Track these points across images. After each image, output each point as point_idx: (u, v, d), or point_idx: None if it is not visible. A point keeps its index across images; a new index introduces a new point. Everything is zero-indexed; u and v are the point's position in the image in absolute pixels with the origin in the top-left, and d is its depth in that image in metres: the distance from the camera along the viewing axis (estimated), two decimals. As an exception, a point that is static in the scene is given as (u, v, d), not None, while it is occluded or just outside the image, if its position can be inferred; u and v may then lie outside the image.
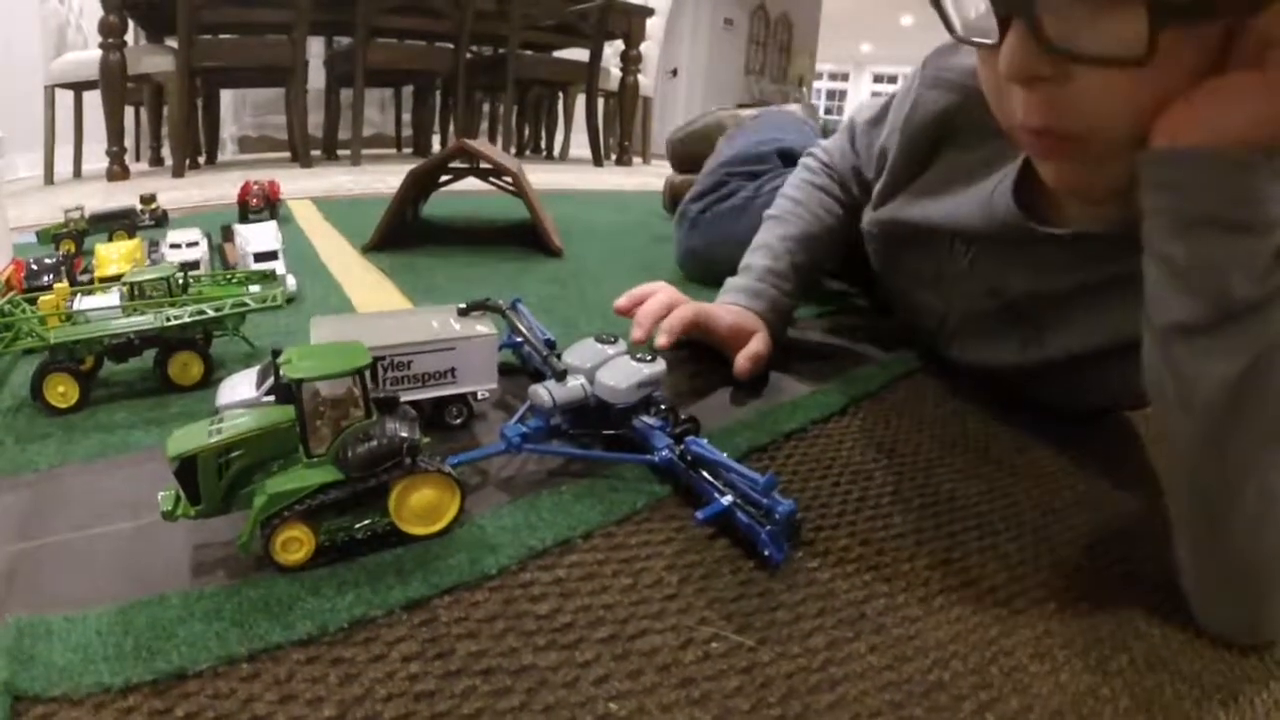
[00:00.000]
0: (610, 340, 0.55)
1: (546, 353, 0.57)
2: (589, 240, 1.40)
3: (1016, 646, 0.38)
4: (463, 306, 0.57)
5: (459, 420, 0.56)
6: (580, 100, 3.70)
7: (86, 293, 0.67)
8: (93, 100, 2.42)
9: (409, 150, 3.69)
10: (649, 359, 0.53)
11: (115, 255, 0.86)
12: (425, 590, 0.38)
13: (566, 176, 2.85)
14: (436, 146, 3.45)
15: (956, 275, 0.64)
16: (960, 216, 0.61)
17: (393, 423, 0.40)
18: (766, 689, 0.34)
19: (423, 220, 1.46)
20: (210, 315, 0.62)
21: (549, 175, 2.80)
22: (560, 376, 0.52)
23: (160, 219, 1.31)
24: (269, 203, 1.35)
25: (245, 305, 0.64)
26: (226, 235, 1.06)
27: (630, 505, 0.47)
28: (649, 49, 3.69)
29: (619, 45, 3.55)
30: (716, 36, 5.85)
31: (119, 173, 2.34)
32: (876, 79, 11.74)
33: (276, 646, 0.34)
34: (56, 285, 0.67)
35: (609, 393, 0.51)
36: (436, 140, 3.54)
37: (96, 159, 2.47)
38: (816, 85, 9.17)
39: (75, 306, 0.63)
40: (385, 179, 2.26)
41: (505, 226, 1.47)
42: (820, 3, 6.68)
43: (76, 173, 2.66)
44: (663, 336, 0.66)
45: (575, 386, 0.51)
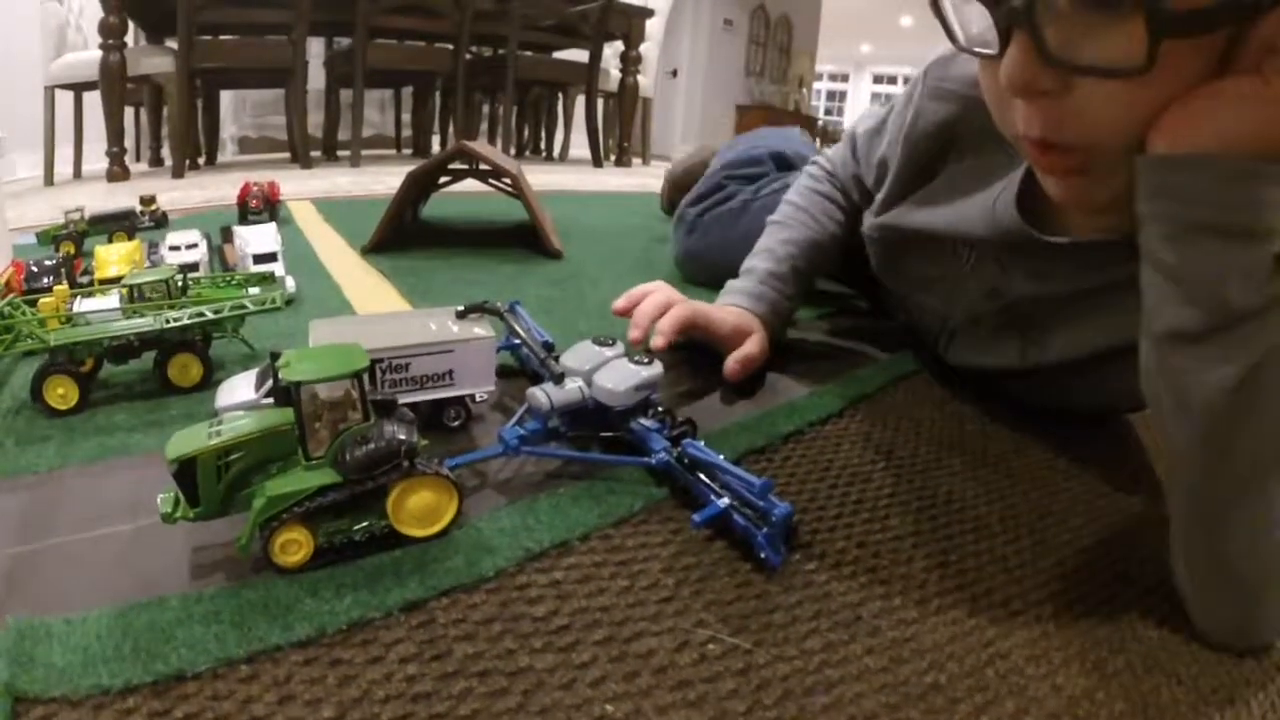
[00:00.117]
0: (608, 343, 0.55)
1: (544, 355, 0.57)
2: (588, 242, 1.40)
3: (1013, 649, 0.38)
4: (461, 309, 0.57)
5: (457, 422, 0.56)
6: (580, 101, 3.70)
7: (86, 295, 0.67)
8: (93, 101, 2.42)
9: (409, 151, 3.69)
10: (646, 361, 0.53)
11: (115, 257, 0.86)
12: (423, 592, 0.38)
13: (566, 177, 2.85)
14: (436, 147, 3.45)
15: (957, 278, 0.64)
16: (963, 224, 0.61)
17: (391, 425, 0.40)
18: (762, 691, 0.34)
19: (422, 222, 1.46)
20: (209, 317, 0.62)
21: (548, 176, 2.80)
22: (558, 379, 0.52)
23: (160, 220, 1.31)
24: (268, 204, 1.35)
25: (244, 307, 0.64)
26: (226, 237, 1.06)
27: (627, 507, 0.47)
28: (649, 50, 3.69)
29: (619, 46, 3.55)
30: (716, 37, 5.85)
31: (119, 173, 2.33)
32: (876, 80, 11.72)
33: (275, 648, 0.34)
34: (56, 287, 0.67)
35: (606, 395, 0.51)
36: (436, 141, 3.54)
37: (96, 159, 2.47)
38: (816, 86, 9.16)
39: (75, 308, 0.63)
40: (385, 180, 2.26)
41: (505, 228, 1.47)
42: (820, 3, 6.68)
43: (76, 173, 2.65)
44: (658, 338, 0.65)
45: (573, 389, 0.51)
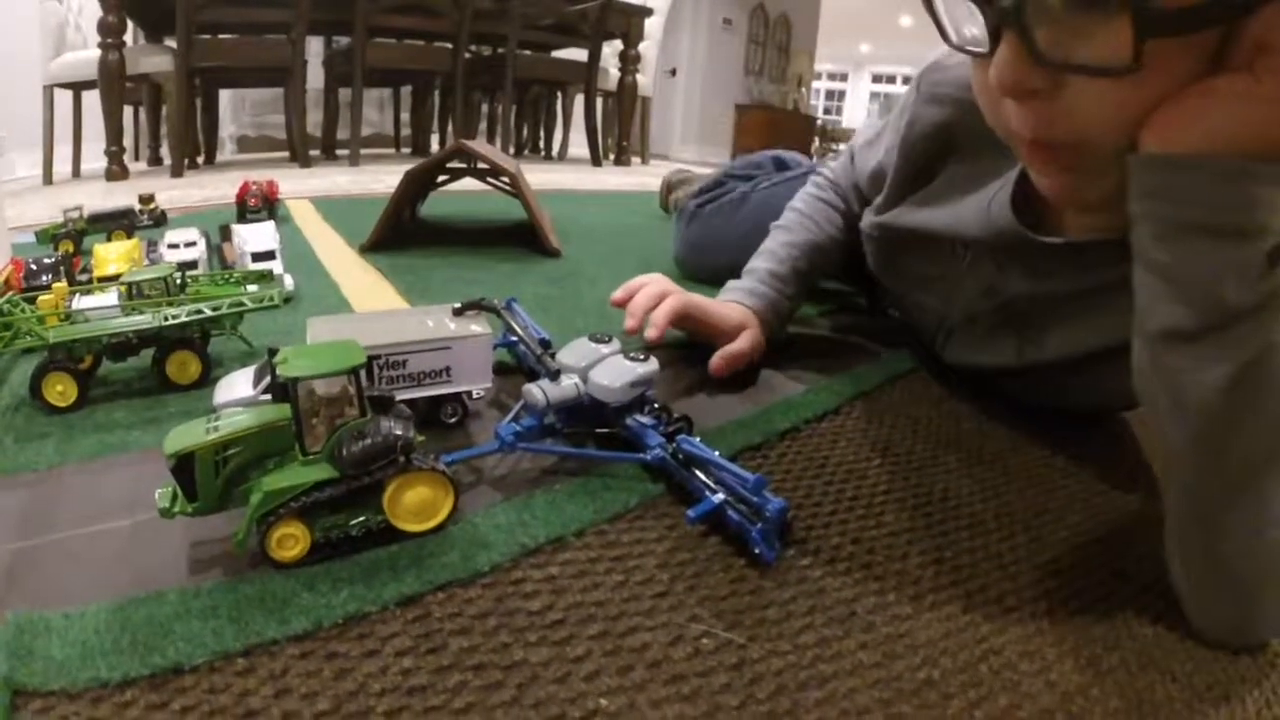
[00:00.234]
0: (604, 339, 0.56)
1: (540, 352, 0.57)
2: (586, 240, 1.40)
3: (1006, 645, 0.38)
4: (458, 306, 0.57)
5: (454, 419, 0.56)
6: (579, 100, 3.70)
7: (85, 292, 0.67)
8: (92, 100, 2.42)
9: (408, 150, 3.68)
10: (642, 358, 0.53)
11: (113, 255, 0.87)
12: (419, 587, 0.38)
13: (565, 176, 2.85)
14: (435, 146, 3.45)
15: (954, 276, 0.64)
16: (959, 225, 0.61)
17: (387, 421, 0.41)
18: (756, 685, 0.34)
19: (421, 220, 1.46)
20: (208, 315, 0.62)
21: (547, 175, 2.80)
22: (554, 375, 0.52)
23: (159, 219, 1.31)
24: (267, 203, 1.35)
25: (242, 305, 0.64)
26: (225, 235, 1.06)
27: (623, 503, 0.47)
28: (647, 49, 3.69)
29: (618, 45, 3.55)
30: (715, 36, 5.84)
31: (118, 172, 2.33)
32: (876, 79, 11.69)
33: (272, 642, 0.34)
34: (55, 285, 0.67)
35: (602, 392, 0.52)
36: (435, 140, 3.54)
37: (95, 158, 2.47)
38: (815, 85, 9.14)
39: (74, 306, 0.64)
40: (383, 179, 2.26)
41: (503, 227, 1.47)
42: (819, 3, 6.67)
43: (75, 172, 2.65)
44: (651, 330, 0.66)
45: (569, 385, 0.52)
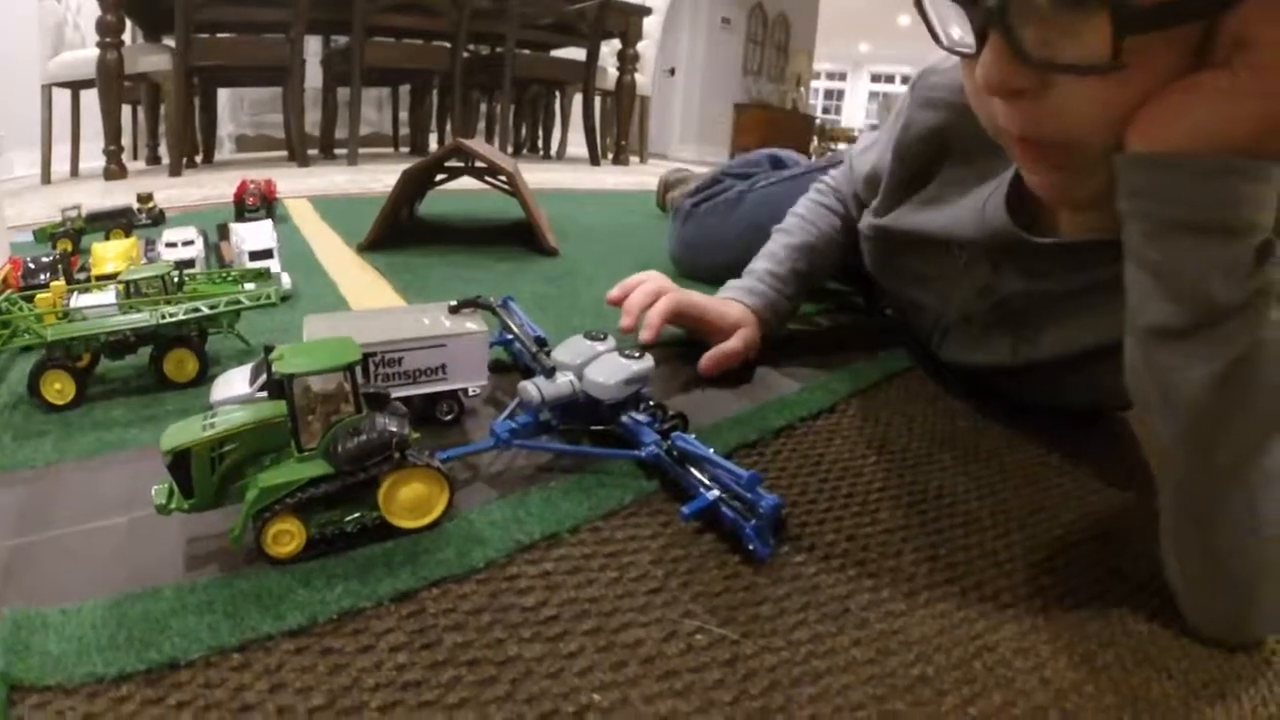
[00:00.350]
0: (600, 337, 0.56)
1: (536, 349, 0.57)
2: (584, 239, 1.41)
3: (1001, 642, 0.38)
4: (453, 304, 0.58)
5: (450, 416, 0.56)
6: (577, 99, 3.70)
7: (83, 291, 0.67)
8: (90, 99, 2.42)
9: (406, 149, 3.68)
10: (637, 355, 0.54)
11: (111, 254, 0.87)
12: (413, 583, 0.38)
13: (563, 175, 2.85)
14: (434, 145, 3.45)
15: (950, 276, 0.64)
16: (955, 227, 0.62)
17: (383, 418, 0.41)
18: (749, 681, 0.34)
19: (419, 219, 1.46)
20: (205, 313, 0.62)
21: (546, 174, 2.80)
22: (549, 373, 0.52)
23: (157, 218, 1.31)
24: (265, 202, 1.35)
25: (239, 303, 0.64)
26: (222, 234, 1.06)
27: (618, 500, 0.47)
28: (646, 48, 3.69)
29: (616, 44, 3.55)
30: (714, 36, 5.84)
31: (116, 171, 2.33)
32: (874, 79, 11.70)
33: (267, 637, 0.34)
34: (53, 283, 0.67)
35: (597, 389, 0.52)
36: (434, 139, 3.53)
37: (94, 157, 2.47)
38: (814, 85, 9.15)
39: (72, 304, 0.64)
40: (382, 178, 2.25)
41: (501, 226, 1.47)
42: (818, 2, 6.67)
43: (74, 171, 2.65)
44: (645, 332, 0.66)
45: (564, 383, 0.52)
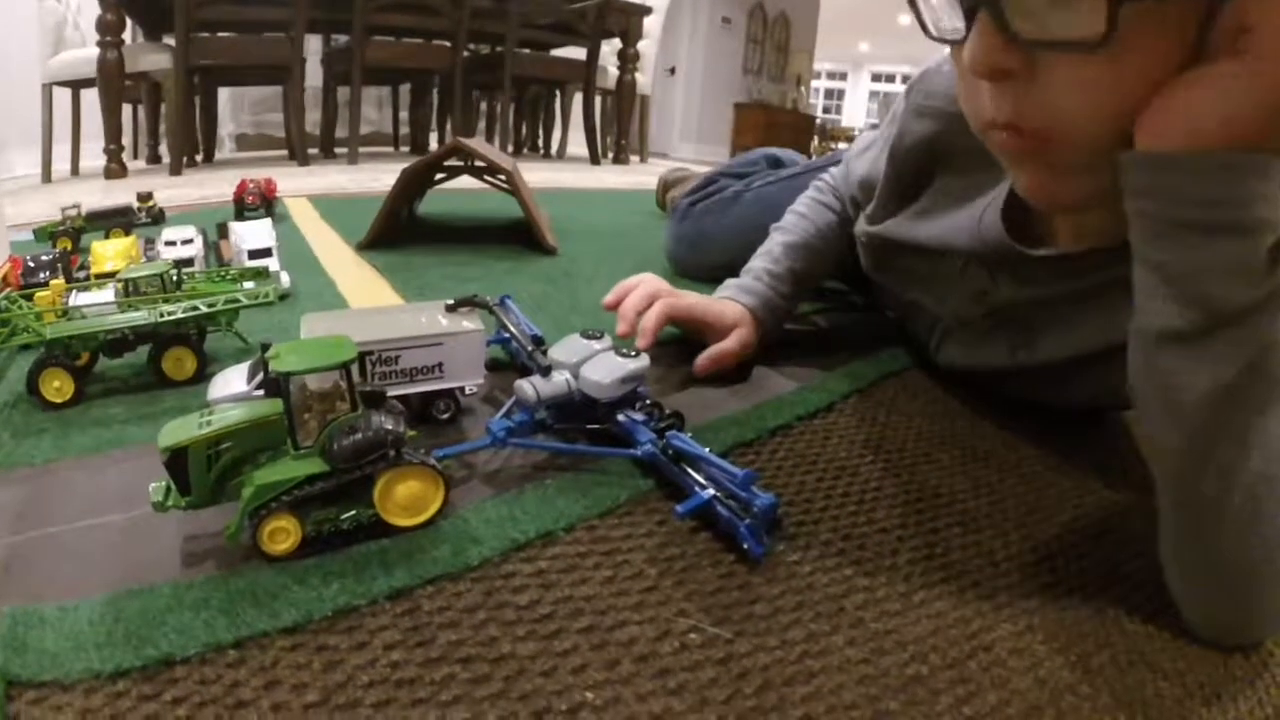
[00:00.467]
0: (596, 336, 0.56)
1: (532, 348, 0.57)
2: (583, 239, 1.41)
3: (996, 641, 0.38)
4: (450, 303, 0.58)
5: (446, 415, 0.56)
6: (578, 99, 3.70)
7: (82, 289, 0.67)
8: (90, 98, 2.42)
9: (406, 148, 3.69)
10: (633, 354, 0.54)
11: (111, 252, 0.87)
12: (408, 580, 0.38)
13: (563, 175, 2.85)
14: (434, 144, 3.45)
15: (946, 282, 0.64)
16: (950, 238, 0.61)
17: (379, 416, 0.41)
18: (743, 680, 0.34)
19: (418, 218, 1.47)
20: (203, 311, 0.63)
21: (546, 174, 2.80)
22: (545, 372, 0.53)
23: (157, 217, 1.31)
24: (265, 201, 1.35)
25: (238, 301, 0.64)
26: (222, 233, 1.06)
27: (613, 499, 0.47)
28: (646, 47, 3.70)
29: (616, 44, 3.55)
30: (714, 35, 5.84)
31: (117, 170, 2.34)
32: (875, 78, 11.69)
33: (262, 634, 0.34)
34: (53, 282, 0.67)
35: (593, 388, 0.52)
36: (434, 138, 3.54)
37: (94, 157, 2.47)
38: (814, 84, 9.15)
39: (71, 303, 0.64)
40: (382, 177, 2.26)
41: (501, 225, 1.47)
42: (818, 2, 6.67)
43: (74, 170, 2.66)
44: (641, 339, 0.66)
45: (560, 381, 0.52)
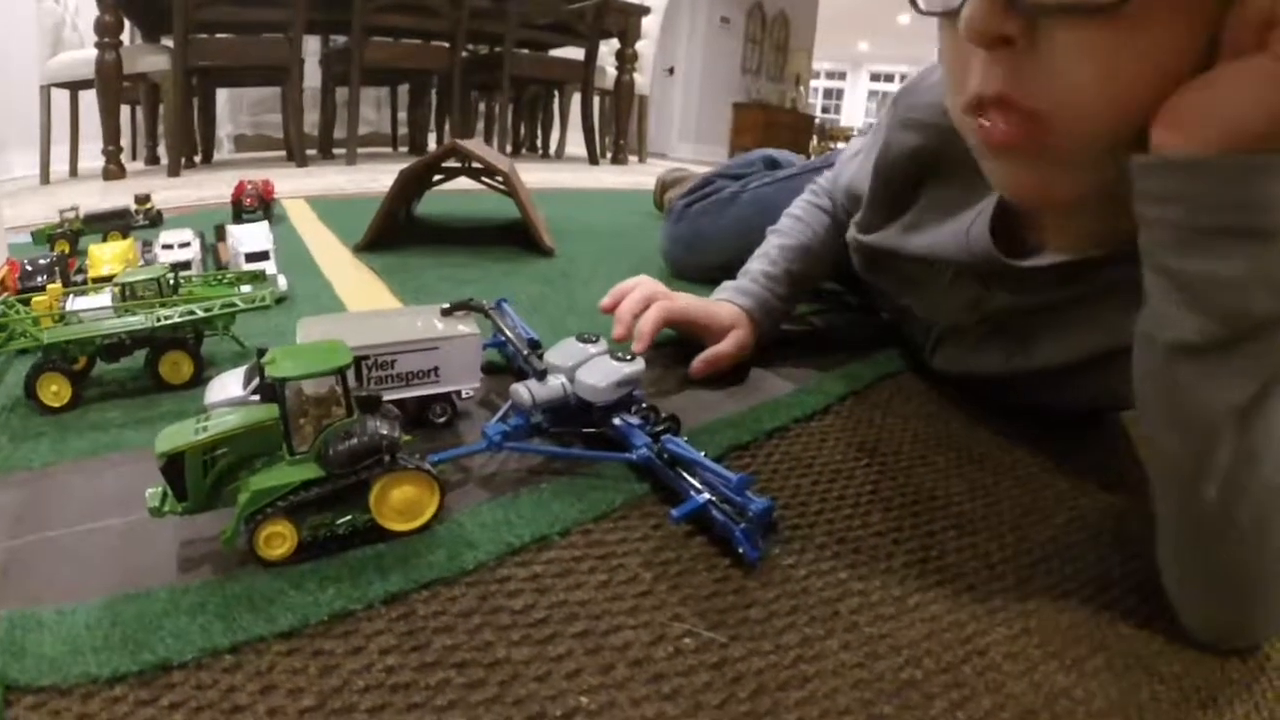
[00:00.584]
0: (592, 339, 0.56)
1: (528, 352, 0.57)
2: (581, 240, 1.41)
3: (991, 645, 0.37)
4: (446, 307, 0.58)
5: (443, 419, 0.56)
6: (576, 99, 3.70)
7: (79, 293, 0.67)
8: (89, 99, 2.42)
9: (405, 149, 3.69)
10: (629, 358, 0.54)
11: (108, 256, 0.87)
12: (404, 585, 0.38)
13: (562, 175, 2.85)
14: (432, 145, 3.45)
15: (938, 290, 0.64)
16: (938, 250, 0.61)
17: (374, 421, 0.41)
18: (737, 685, 0.34)
19: (416, 219, 1.47)
20: (200, 315, 0.63)
21: (544, 174, 2.80)
22: (541, 376, 0.53)
23: (155, 219, 1.31)
24: (263, 203, 1.35)
25: (234, 305, 0.64)
26: (219, 235, 1.06)
27: (609, 503, 0.47)
28: (645, 48, 3.70)
29: (615, 44, 3.56)
30: (713, 35, 5.85)
31: (115, 172, 2.34)
32: (874, 78, 11.69)
33: (259, 639, 0.34)
34: (50, 286, 0.68)
35: (588, 391, 0.52)
36: (433, 139, 3.54)
37: (93, 158, 2.47)
38: (813, 84, 9.15)
39: (68, 307, 0.64)
40: (380, 178, 2.26)
41: (499, 226, 1.47)
42: (817, 1, 6.67)
43: (73, 172, 2.66)
44: (637, 343, 0.65)
45: (555, 385, 0.52)
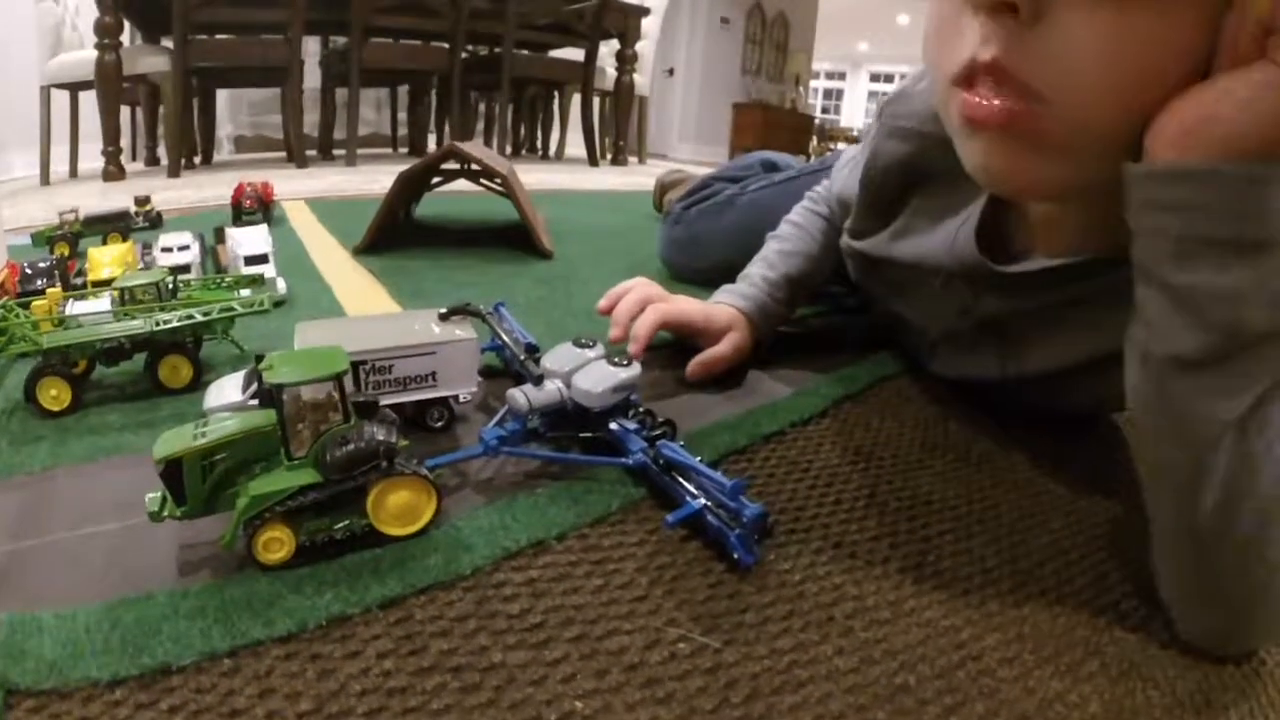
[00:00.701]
0: (588, 344, 0.56)
1: (525, 357, 0.58)
2: (580, 241, 1.41)
3: (985, 651, 0.37)
4: (443, 311, 0.58)
5: (440, 423, 0.56)
6: (576, 100, 3.71)
7: (79, 297, 0.68)
8: (89, 100, 2.42)
9: (404, 150, 3.69)
10: (625, 363, 0.54)
11: (108, 258, 0.87)
12: (401, 589, 0.38)
13: (561, 176, 2.85)
14: (432, 146, 3.45)
15: (930, 296, 0.64)
16: (926, 255, 0.61)
17: (371, 426, 0.41)
18: (730, 689, 0.34)
19: (415, 221, 1.47)
20: (199, 320, 0.63)
21: (544, 175, 2.80)
22: (537, 380, 0.53)
23: (155, 221, 1.31)
24: (263, 204, 1.35)
25: (232, 310, 0.65)
26: (219, 238, 1.06)
27: (605, 507, 0.47)
28: (645, 48, 3.70)
29: (615, 44, 3.56)
30: (713, 35, 5.85)
31: (115, 173, 2.34)
32: (873, 78, 11.68)
33: (257, 643, 0.34)
34: (49, 290, 0.68)
35: (584, 396, 0.52)
36: (432, 139, 3.54)
37: (93, 158, 2.47)
38: (813, 84, 9.15)
39: (68, 311, 0.64)
40: (380, 179, 2.26)
41: (498, 228, 1.47)
42: (817, 1, 6.67)
43: (73, 173, 2.66)
44: (633, 345, 0.66)
45: (551, 390, 0.52)
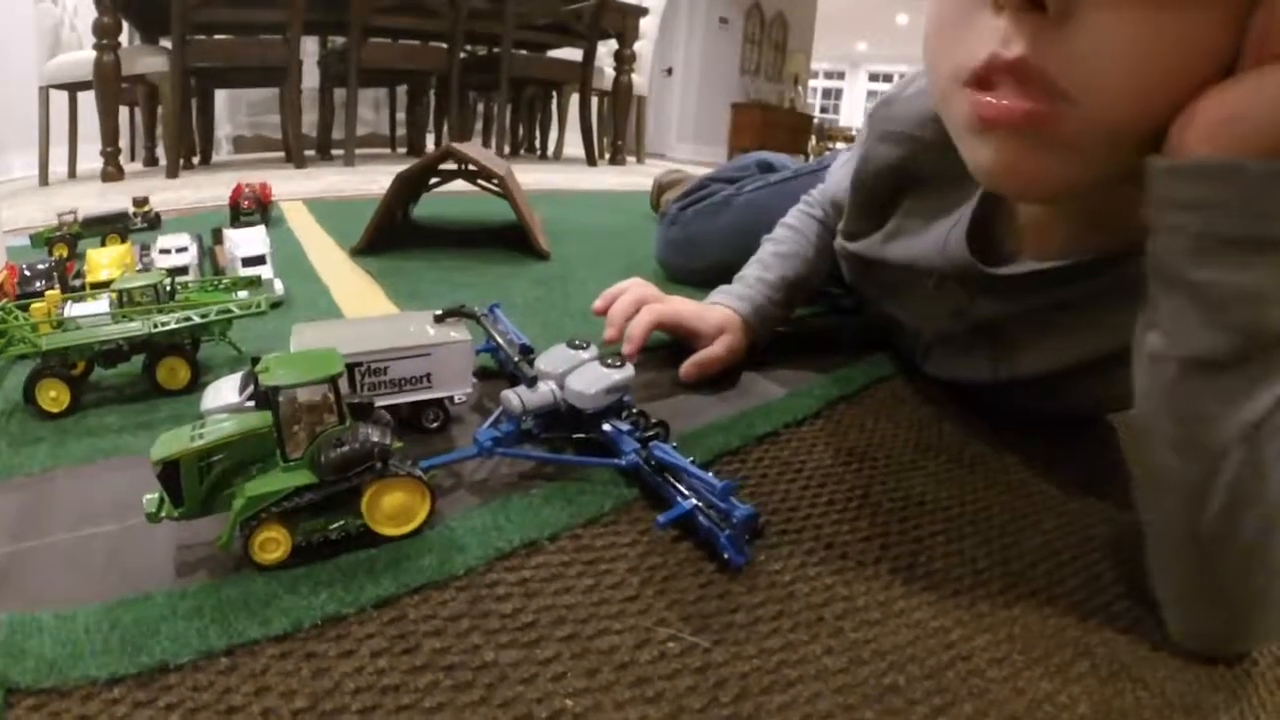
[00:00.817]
0: (582, 346, 0.57)
1: (519, 358, 0.58)
2: (578, 241, 1.41)
3: (975, 651, 0.38)
4: (439, 313, 0.58)
5: (436, 424, 0.56)
6: (574, 100, 3.71)
7: (77, 299, 0.68)
8: (87, 100, 2.42)
9: (403, 150, 3.69)
10: (618, 364, 0.54)
11: (106, 260, 0.88)
12: (395, 589, 0.39)
13: (559, 176, 2.85)
14: (431, 146, 3.45)
15: (923, 298, 0.64)
16: (918, 258, 0.61)
17: (366, 428, 0.42)
18: (720, 688, 0.34)
19: (413, 222, 1.47)
20: (196, 322, 0.64)
21: (542, 175, 2.80)
22: (531, 382, 0.53)
23: (153, 222, 1.32)
24: (261, 205, 1.36)
25: (230, 312, 0.65)
26: (217, 239, 1.07)
27: (597, 508, 0.47)
28: (643, 48, 3.70)
29: (613, 44, 3.56)
30: (711, 35, 5.85)
31: (114, 173, 2.34)
32: (872, 78, 11.67)
33: (253, 642, 0.35)
34: (48, 292, 0.68)
35: (577, 398, 0.52)
36: (431, 139, 3.54)
37: (91, 159, 2.47)
38: (812, 84, 9.15)
39: (66, 313, 0.65)
40: (379, 179, 2.25)
41: (495, 228, 1.48)
42: (816, 1, 6.67)
43: (71, 173, 2.66)
44: (627, 346, 0.66)
45: (545, 392, 0.52)
